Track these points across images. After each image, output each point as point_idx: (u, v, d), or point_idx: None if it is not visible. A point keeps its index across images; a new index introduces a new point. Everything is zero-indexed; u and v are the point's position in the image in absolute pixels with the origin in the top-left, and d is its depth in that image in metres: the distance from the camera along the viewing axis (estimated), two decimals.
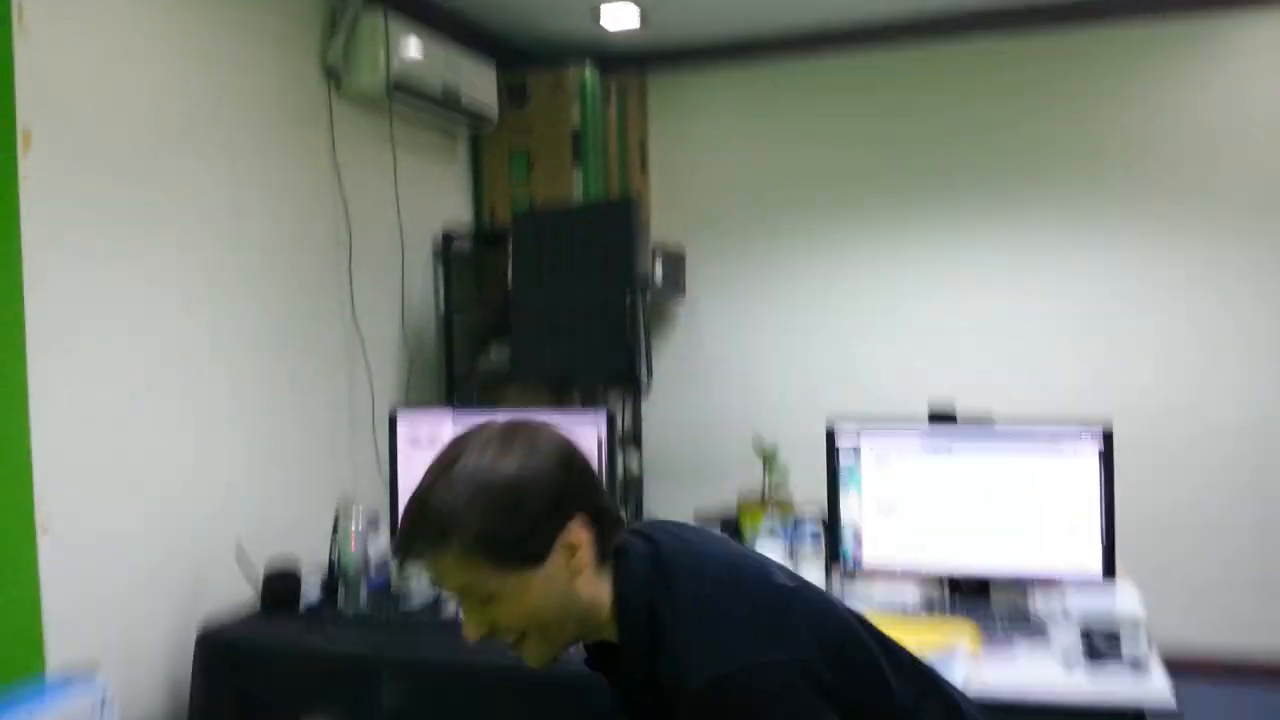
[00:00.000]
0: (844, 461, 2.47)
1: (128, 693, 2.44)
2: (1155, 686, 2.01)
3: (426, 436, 2.86)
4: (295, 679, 2.44)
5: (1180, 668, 2.06)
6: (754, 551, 1.43)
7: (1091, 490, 2.32)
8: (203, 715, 2.48)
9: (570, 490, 1.25)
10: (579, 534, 1.25)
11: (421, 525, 1.22)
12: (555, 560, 1.24)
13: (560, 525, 1.24)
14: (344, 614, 2.56)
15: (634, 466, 4.15)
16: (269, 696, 2.47)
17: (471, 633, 1.27)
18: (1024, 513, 2.36)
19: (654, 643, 1.24)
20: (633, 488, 4.12)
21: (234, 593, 2.70)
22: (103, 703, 2.24)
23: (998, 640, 2.20)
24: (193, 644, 2.54)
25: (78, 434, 2.43)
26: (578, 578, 1.26)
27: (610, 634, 1.31)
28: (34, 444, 2.30)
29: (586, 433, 2.73)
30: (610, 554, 1.30)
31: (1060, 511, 2.34)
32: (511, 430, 1.26)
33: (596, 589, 1.28)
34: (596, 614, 1.30)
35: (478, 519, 1.20)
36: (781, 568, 1.38)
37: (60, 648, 2.36)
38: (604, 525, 1.28)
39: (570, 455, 1.27)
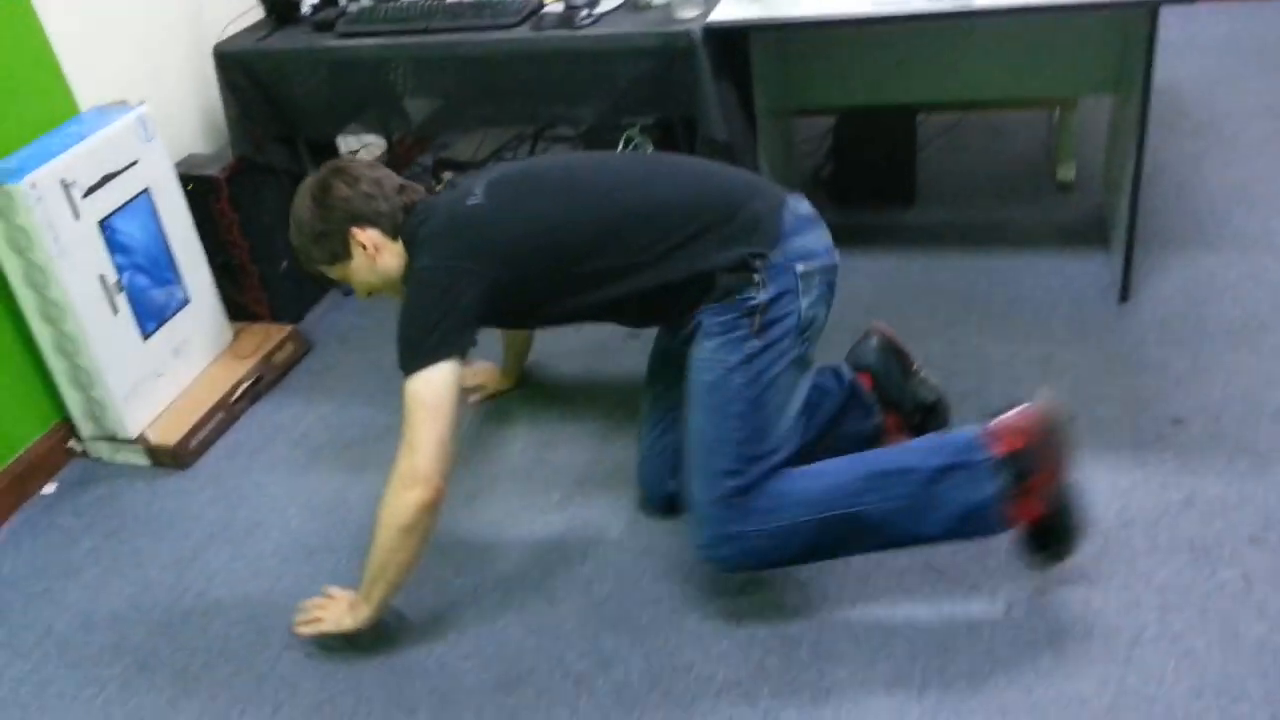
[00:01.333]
0: None
1: (164, 116, 2.51)
2: None
3: None
4: (314, 77, 2.50)
5: None
6: (486, 171, 1.84)
7: None
8: (236, 123, 2.58)
9: (347, 213, 1.78)
10: (362, 236, 1.79)
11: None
12: (358, 253, 1.81)
13: (346, 234, 1.79)
14: (347, 12, 2.53)
15: None
16: (291, 95, 2.55)
17: (358, 295, 1.92)
18: None
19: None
20: None
21: (237, 12, 2.65)
22: (143, 122, 2.31)
23: None
24: (212, 62, 2.56)
25: None
26: (380, 255, 1.80)
27: None
28: None
29: None
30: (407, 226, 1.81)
31: None
32: (314, 182, 1.81)
33: (403, 255, 1.81)
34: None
35: (297, 243, 1.86)
36: (495, 179, 1.78)
37: (89, 92, 2.38)
38: (390, 220, 1.80)
39: (347, 193, 1.78)
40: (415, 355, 1.65)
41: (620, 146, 2.40)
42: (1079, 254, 2.62)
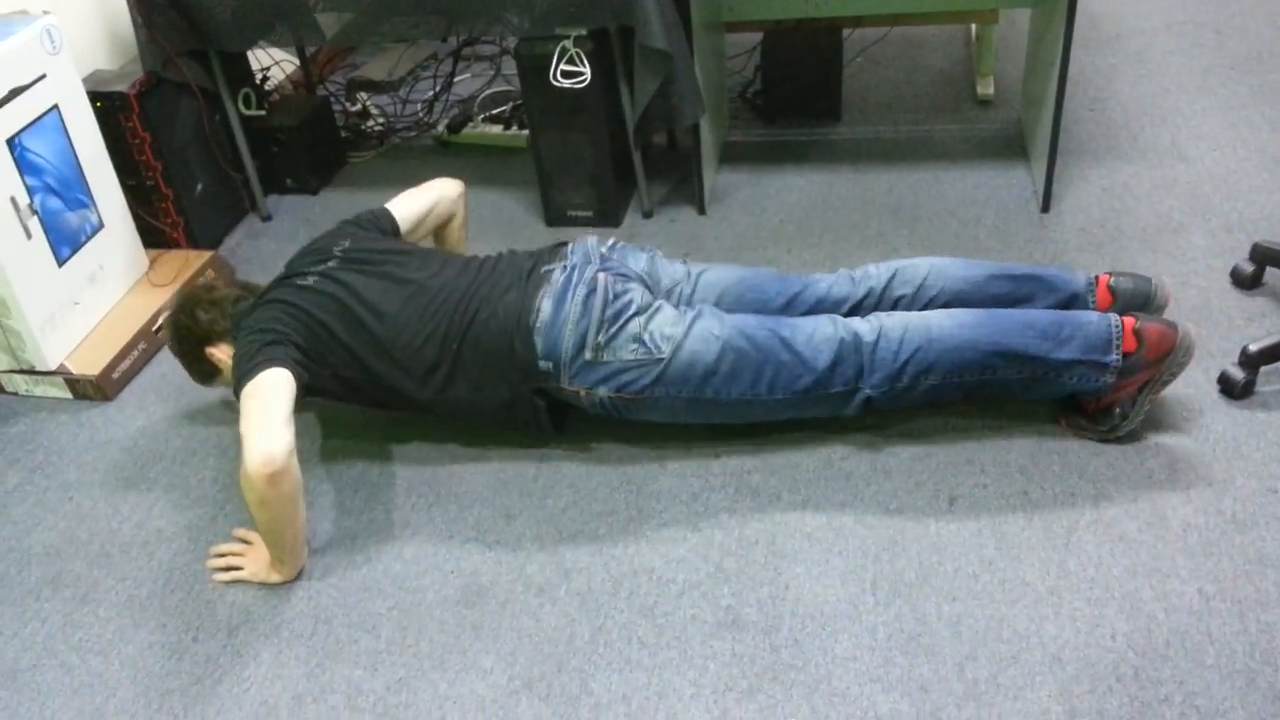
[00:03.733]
0: None
1: (65, 29, 2.35)
2: None
3: None
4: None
5: None
6: (301, 257, 2.02)
7: None
8: (145, 36, 2.44)
9: (198, 339, 1.96)
10: (218, 353, 1.96)
11: None
12: (222, 365, 1.95)
13: (204, 358, 1.97)
14: None
15: None
16: (203, 5, 2.42)
17: None
18: None
19: None
20: None
21: None
22: (49, 34, 2.17)
23: None
24: None
25: None
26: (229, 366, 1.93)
27: None
28: None
29: None
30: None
31: None
32: (168, 320, 2.02)
33: None
34: None
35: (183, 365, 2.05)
36: (315, 262, 1.95)
37: None
38: (231, 324, 1.96)
39: (189, 323, 1.97)
40: (240, 379, 1.78)
41: (555, 60, 2.34)
42: (1000, 166, 2.69)
